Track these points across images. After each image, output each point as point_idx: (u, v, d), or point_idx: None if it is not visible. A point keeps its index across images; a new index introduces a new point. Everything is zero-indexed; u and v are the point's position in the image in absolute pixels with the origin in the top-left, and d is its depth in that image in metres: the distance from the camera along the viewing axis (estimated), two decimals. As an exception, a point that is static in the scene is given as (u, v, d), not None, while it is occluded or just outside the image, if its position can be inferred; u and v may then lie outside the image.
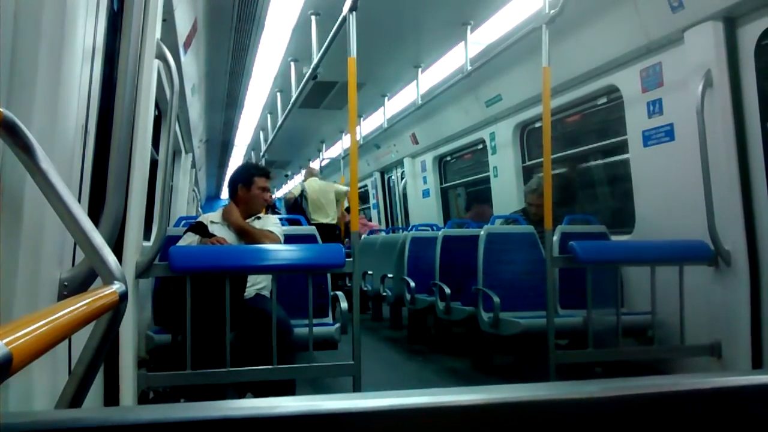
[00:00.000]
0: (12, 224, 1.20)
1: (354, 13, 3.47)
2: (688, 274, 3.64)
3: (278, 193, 20.97)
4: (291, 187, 8.40)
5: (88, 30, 1.63)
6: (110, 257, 1.20)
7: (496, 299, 4.13)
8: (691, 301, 3.62)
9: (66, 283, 1.41)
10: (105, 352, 1.16)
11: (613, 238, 4.65)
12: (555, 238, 4.04)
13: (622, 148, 4.80)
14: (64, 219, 1.16)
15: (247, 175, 3.92)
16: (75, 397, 1.11)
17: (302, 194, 8.50)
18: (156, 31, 2.73)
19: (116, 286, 1.15)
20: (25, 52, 1.22)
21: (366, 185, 11.87)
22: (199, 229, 3.63)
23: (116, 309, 1.12)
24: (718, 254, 3.59)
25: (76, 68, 1.49)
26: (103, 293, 1.06)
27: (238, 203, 3.89)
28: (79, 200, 1.61)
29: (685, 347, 3.70)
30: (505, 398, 0.64)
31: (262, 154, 9.77)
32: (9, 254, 1.19)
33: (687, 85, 3.81)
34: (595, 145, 5.44)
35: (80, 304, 0.91)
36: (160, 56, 2.84)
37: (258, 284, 3.70)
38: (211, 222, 3.81)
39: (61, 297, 1.39)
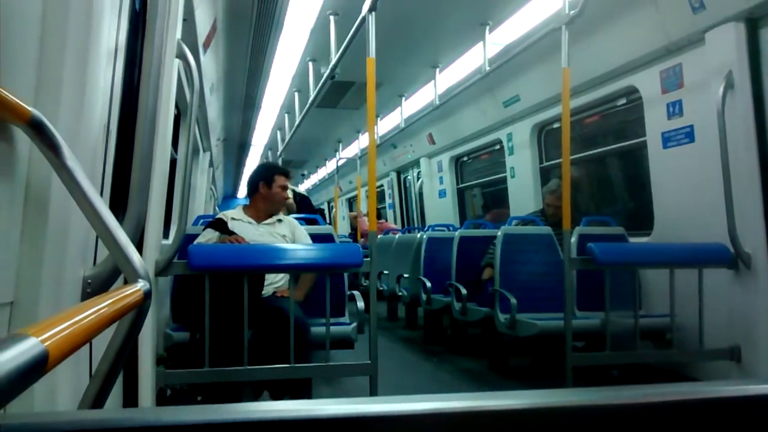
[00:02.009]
0: (37, 222, 1.21)
1: (373, 13, 3.47)
2: (707, 277, 3.61)
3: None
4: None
5: (111, 30, 1.65)
6: (135, 256, 1.21)
7: (513, 300, 4.12)
8: (710, 304, 3.59)
9: (89, 281, 1.42)
10: (128, 350, 1.17)
11: (631, 240, 4.62)
12: (573, 239, 4.03)
13: (640, 149, 4.77)
14: (89, 217, 1.17)
15: (268, 173, 3.96)
16: (98, 396, 1.12)
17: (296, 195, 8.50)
18: (177, 31, 2.75)
19: (141, 284, 1.17)
20: (51, 51, 1.23)
21: (382, 185, 11.88)
22: (219, 225, 3.65)
23: (140, 307, 1.13)
24: (738, 257, 3.56)
25: (101, 68, 1.51)
26: (128, 291, 1.07)
27: (257, 201, 3.93)
28: None
29: (703, 351, 3.67)
30: (524, 404, 0.63)
31: (279, 153, 9.80)
32: (34, 252, 1.20)
33: (708, 86, 3.78)
34: (613, 146, 5.41)
35: (109, 302, 0.92)
36: (181, 56, 2.85)
37: (276, 283, 3.72)
38: (232, 219, 3.83)
39: (85, 294, 1.41)
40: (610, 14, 4.39)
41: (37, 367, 0.56)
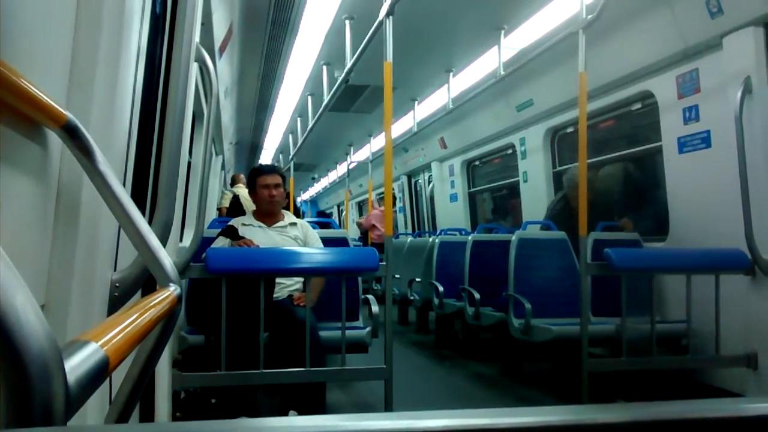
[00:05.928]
0: (69, 226, 1.21)
1: (391, 17, 3.47)
2: (723, 283, 3.59)
3: (304, 196, 21.06)
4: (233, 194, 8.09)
5: (137, 33, 1.65)
6: (166, 260, 1.21)
7: (528, 305, 4.10)
8: (726, 310, 3.57)
9: (117, 284, 1.42)
10: (159, 356, 1.16)
11: (645, 245, 4.60)
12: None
13: (654, 154, 4.75)
14: (122, 221, 1.17)
15: (250, 181, 4.03)
16: (126, 405, 1.10)
17: (237, 200, 8.16)
18: (196, 35, 2.75)
19: (172, 288, 1.16)
20: (84, 54, 1.23)
21: (393, 189, 11.85)
22: (230, 232, 3.67)
23: (173, 311, 1.12)
24: (756, 263, 3.54)
25: (130, 72, 1.51)
26: (164, 295, 1.07)
27: (258, 208, 4.01)
28: None
29: (720, 357, 3.65)
30: (548, 421, 0.56)
31: (290, 156, 9.81)
32: (66, 255, 1.20)
33: (725, 91, 3.76)
34: (627, 151, 5.39)
35: (152, 303, 0.92)
36: (200, 60, 2.86)
37: (290, 286, 3.72)
38: (242, 224, 3.86)
39: (113, 298, 1.41)
40: (626, 19, 4.37)
41: (101, 373, 0.56)
